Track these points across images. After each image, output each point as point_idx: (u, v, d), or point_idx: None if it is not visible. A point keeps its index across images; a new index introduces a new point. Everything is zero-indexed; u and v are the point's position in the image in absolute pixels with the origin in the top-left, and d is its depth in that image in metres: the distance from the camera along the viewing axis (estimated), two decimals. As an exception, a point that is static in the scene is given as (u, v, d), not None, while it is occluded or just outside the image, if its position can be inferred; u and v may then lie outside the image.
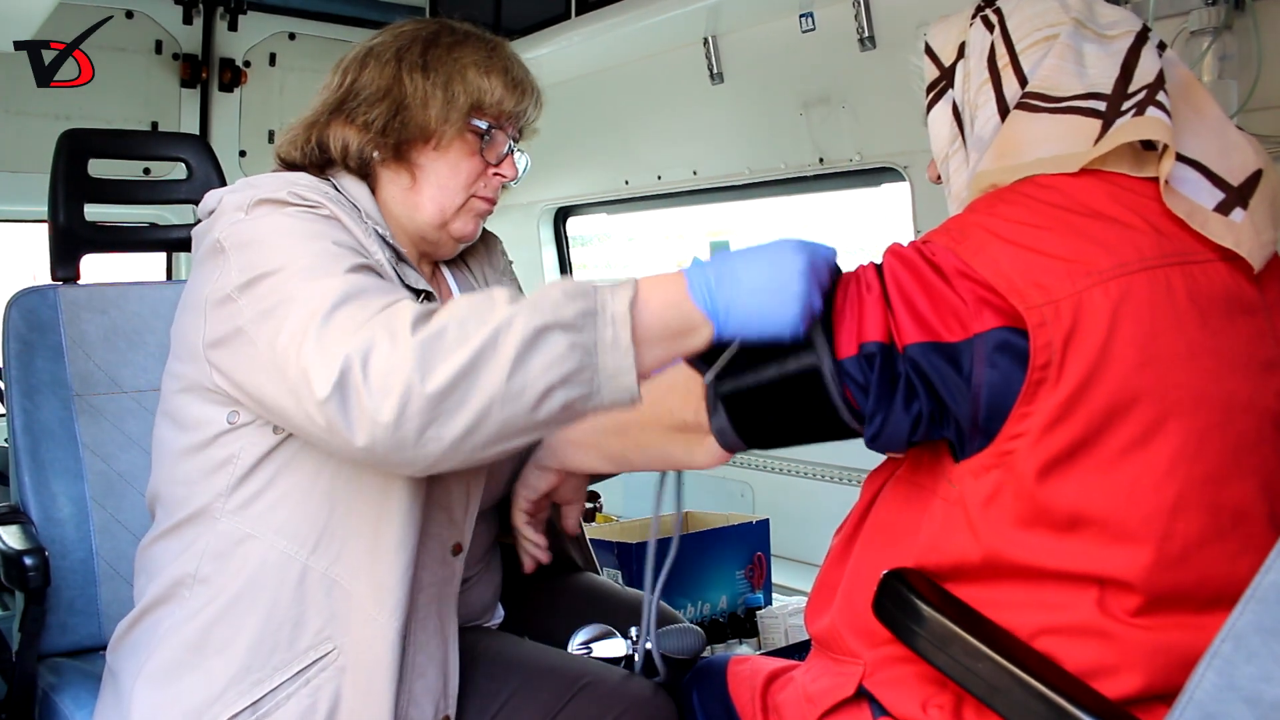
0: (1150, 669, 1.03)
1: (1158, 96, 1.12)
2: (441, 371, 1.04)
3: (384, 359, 1.05)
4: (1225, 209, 1.11)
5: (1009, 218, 1.09)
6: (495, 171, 1.51)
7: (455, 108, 1.45)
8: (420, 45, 1.48)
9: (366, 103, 1.45)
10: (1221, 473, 1.05)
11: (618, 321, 1.07)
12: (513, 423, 1.06)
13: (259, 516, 1.30)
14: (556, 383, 1.05)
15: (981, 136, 1.22)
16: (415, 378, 1.03)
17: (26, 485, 1.83)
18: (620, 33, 2.71)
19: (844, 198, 2.95)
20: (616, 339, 1.07)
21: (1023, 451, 1.04)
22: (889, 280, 1.09)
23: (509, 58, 1.52)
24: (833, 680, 1.20)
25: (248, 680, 1.28)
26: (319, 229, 1.29)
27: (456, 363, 1.04)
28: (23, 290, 1.92)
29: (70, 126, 2.03)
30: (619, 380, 1.07)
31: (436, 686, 1.33)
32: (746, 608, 2.48)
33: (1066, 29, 1.18)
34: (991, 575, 1.09)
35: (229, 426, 1.30)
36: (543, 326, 1.05)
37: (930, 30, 1.32)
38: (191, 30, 3.34)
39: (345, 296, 1.14)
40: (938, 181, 1.32)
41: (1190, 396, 1.04)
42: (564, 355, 1.05)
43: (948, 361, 1.05)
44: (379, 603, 1.28)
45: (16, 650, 1.72)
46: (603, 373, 1.07)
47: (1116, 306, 1.02)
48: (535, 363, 1.04)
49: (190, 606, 1.32)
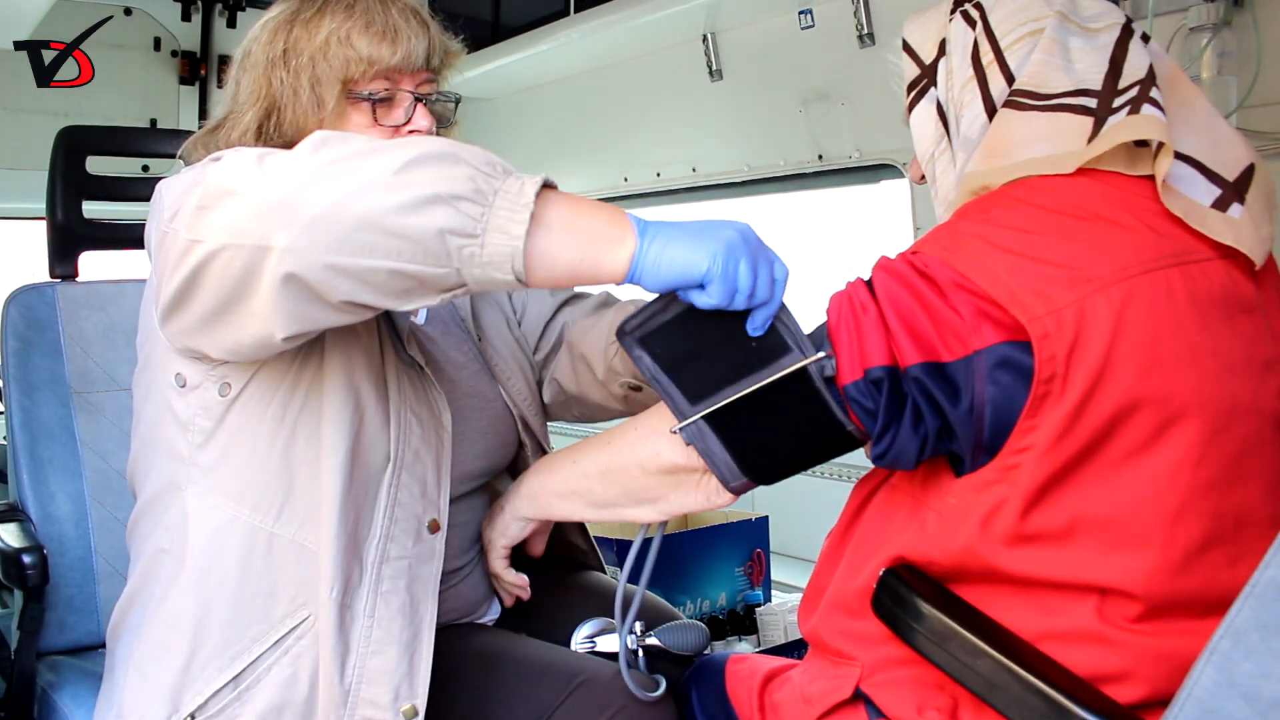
0: (1154, 676, 1.02)
1: (1151, 94, 1.10)
2: (335, 149, 1.04)
3: (282, 159, 1.05)
4: (1223, 205, 1.10)
5: (1003, 224, 1.06)
6: (410, 129, 1.37)
7: (326, 91, 1.34)
8: (283, 32, 1.36)
9: (242, 111, 1.37)
10: (1224, 477, 1.04)
11: (527, 182, 1.02)
12: (381, 218, 1.00)
13: (221, 486, 1.29)
14: (443, 195, 1.00)
15: (968, 136, 1.19)
16: (305, 152, 1.05)
17: (25, 483, 1.83)
18: (619, 29, 2.71)
19: (843, 194, 2.94)
20: (522, 192, 1.02)
21: (1029, 465, 1.02)
22: (883, 299, 1.06)
23: (370, 8, 1.35)
24: (830, 682, 1.19)
25: (226, 655, 1.27)
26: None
27: (351, 148, 1.03)
28: (21, 287, 1.92)
29: (68, 123, 2.03)
30: (508, 231, 1.01)
31: (397, 669, 1.29)
32: (745, 605, 2.48)
33: (1051, 22, 1.16)
34: (990, 582, 1.08)
35: (179, 389, 1.29)
36: (450, 153, 1.02)
37: (906, 26, 1.29)
38: (190, 27, 3.34)
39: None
40: (921, 182, 1.29)
41: (1194, 401, 1.02)
42: (460, 178, 1.01)
43: (947, 381, 1.03)
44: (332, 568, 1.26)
45: (15, 648, 1.72)
46: (493, 218, 1.01)
47: (1119, 313, 1.00)
48: (429, 169, 1.01)
49: (164, 582, 1.31)
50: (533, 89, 3.38)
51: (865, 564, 1.16)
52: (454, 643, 1.43)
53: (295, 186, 1.03)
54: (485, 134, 3.60)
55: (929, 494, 1.12)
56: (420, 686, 1.30)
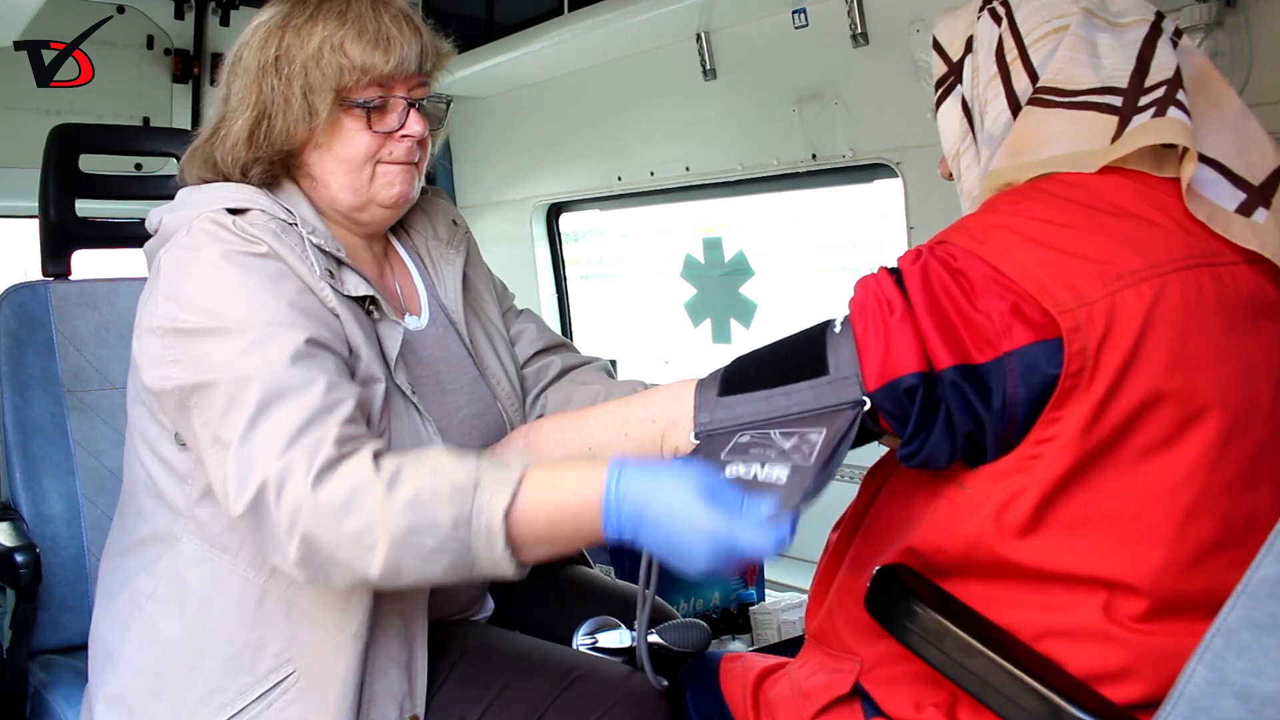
0: (1155, 675, 1.01)
1: (1177, 95, 1.09)
2: (330, 535, 1.13)
3: (293, 496, 1.13)
4: (1247, 210, 1.09)
5: (1035, 216, 1.06)
6: (403, 134, 1.38)
7: (319, 99, 1.33)
8: (274, 38, 1.35)
9: (234, 118, 1.36)
10: (1238, 480, 1.04)
11: (492, 530, 1.13)
12: (406, 574, 1.15)
13: (216, 539, 1.30)
14: (435, 572, 1.15)
15: (992, 133, 1.20)
16: (316, 527, 1.13)
17: (17, 481, 1.83)
18: (613, 28, 2.70)
19: (836, 194, 2.94)
20: (491, 544, 1.13)
21: (1050, 456, 1.02)
22: (915, 297, 1.04)
23: (363, 15, 1.34)
24: (829, 677, 1.19)
25: (212, 704, 1.28)
26: (251, 279, 1.25)
27: (345, 533, 1.12)
28: (14, 285, 1.92)
29: (61, 121, 2.02)
30: (497, 569, 1.15)
31: (400, 687, 1.32)
32: (739, 603, 2.48)
33: (1076, 19, 1.16)
34: (997, 574, 1.08)
35: (176, 444, 1.31)
36: (417, 526, 1.12)
37: (937, 24, 1.29)
38: (183, 25, 3.32)
39: (277, 397, 1.17)
40: (949, 178, 1.29)
41: (1215, 401, 1.02)
42: (437, 558, 1.13)
43: (981, 383, 1.02)
44: (337, 625, 1.28)
45: (7, 647, 1.71)
46: (479, 563, 1.15)
47: (1150, 308, 1.00)
48: (409, 564, 1.13)
49: (149, 628, 1.32)
50: (526, 88, 3.37)
51: (874, 556, 1.16)
52: (449, 640, 1.43)
53: (320, 571, 1.16)
54: (478, 134, 3.59)
55: (942, 483, 1.12)
56: (419, 697, 1.34)
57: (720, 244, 3.13)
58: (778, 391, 1.12)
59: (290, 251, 1.29)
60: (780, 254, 3.30)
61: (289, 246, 1.30)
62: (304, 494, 1.12)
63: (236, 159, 1.36)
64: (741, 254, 3.09)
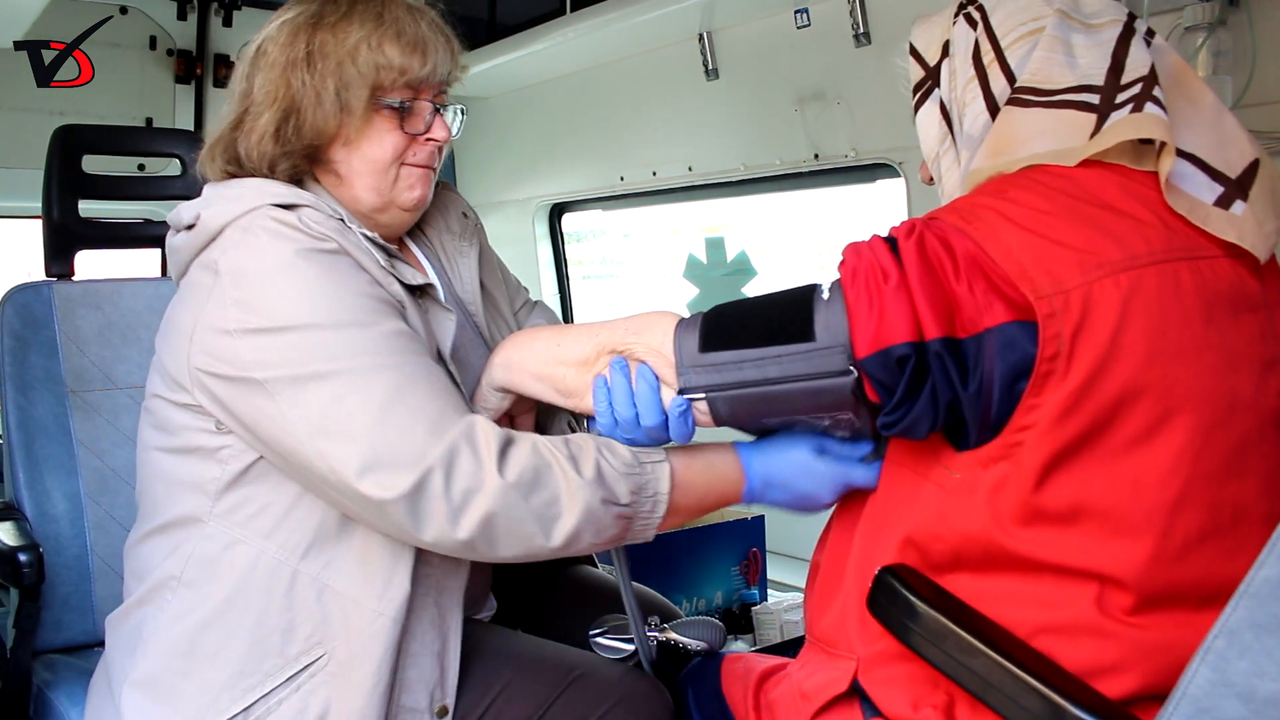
0: (1148, 669, 1.02)
1: (1154, 92, 1.11)
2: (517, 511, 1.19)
3: (467, 478, 1.18)
4: (1225, 202, 1.11)
5: (1021, 202, 1.08)
6: (428, 138, 1.42)
7: (354, 96, 1.35)
8: (304, 34, 1.37)
9: (259, 112, 1.36)
10: (1223, 471, 1.04)
11: (659, 498, 1.26)
12: (580, 543, 1.24)
13: (247, 522, 1.30)
14: (600, 539, 1.25)
15: (971, 135, 1.21)
16: (503, 505, 1.19)
17: (21, 481, 1.83)
18: (615, 29, 2.70)
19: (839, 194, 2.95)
20: (654, 510, 1.26)
21: (1030, 444, 1.03)
22: (910, 268, 1.05)
23: (400, 18, 1.38)
24: (828, 675, 1.19)
25: (240, 686, 1.28)
26: (331, 275, 1.26)
27: (532, 509, 1.20)
28: (17, 286, 1.92)
29: (65, 122, 2.03)
30: (639, 537, 1.28)
31: (432, 675, 1.32)
32: (742, 604, 2.48)
33: (1051, 20, 1.17)
34: (991, 566, 1.08)
35: (216, 430, 1.30)
36: (606, 498, 1.22)
37: (913, 30, 1.31)
38: (186, 26, 3.33)
39: (398, 387, 1.20)
40: (930, 183, 1.30)
41: (1196, 393, 1.03)
42: (610, 526, 1.24)
43: (961, 358, 1.04)
44: (375, 609, 1.28)
45: (11, 647, 1.72)
46: (633, 531, 1.27)
47: (1126, 299, 1.01)
48: (587, 532, 1.22)
49: (177, 611, 1.31)
50: (528, 88, 3.38)
51: (872, 550, 1.17)
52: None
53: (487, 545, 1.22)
54: (481, 134, 3.59)
55: (930, 468, 1.13)
56: (450, 685, 1.35)
57: (723, 244, 3.14)
58: (769, 358, 1.13)
59: (354, 246, 1.31)
60: (783, 254, 3.31)
61: (351, 242, 1.31)
62: (485, 475, 1.18)
63: (263, 154, 1.37)
64: (744, 254, 3.10)
